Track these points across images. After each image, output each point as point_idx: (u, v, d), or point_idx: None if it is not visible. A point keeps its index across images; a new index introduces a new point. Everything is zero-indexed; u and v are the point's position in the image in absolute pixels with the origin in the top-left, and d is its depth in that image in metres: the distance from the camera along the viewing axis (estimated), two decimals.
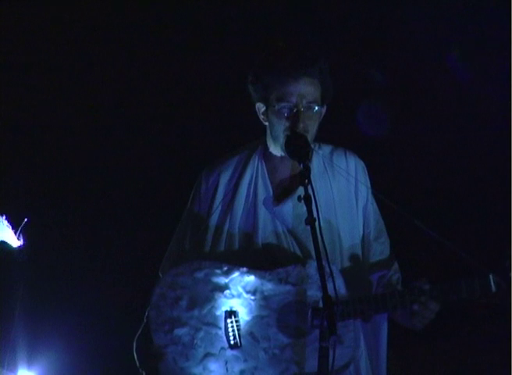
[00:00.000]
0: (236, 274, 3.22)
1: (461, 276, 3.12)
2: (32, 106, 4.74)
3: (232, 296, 3.20)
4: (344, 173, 3.34)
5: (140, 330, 3.24)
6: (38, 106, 4.75)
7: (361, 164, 3.40)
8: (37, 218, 4.64)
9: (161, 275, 3.38)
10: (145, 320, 3.23)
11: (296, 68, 3.19)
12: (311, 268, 3.18)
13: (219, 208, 3.37)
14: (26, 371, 4.51)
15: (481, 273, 3.10)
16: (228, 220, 3.34)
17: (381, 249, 3.38)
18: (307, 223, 2.94)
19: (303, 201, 2.98)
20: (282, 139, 3.24)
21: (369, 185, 3.39)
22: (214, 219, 3.36)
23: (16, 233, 4.42)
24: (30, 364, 4.54)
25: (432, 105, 4.60)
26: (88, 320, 4.74)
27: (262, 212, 3.32)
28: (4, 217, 4.35)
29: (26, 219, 4.42)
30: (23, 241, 4.45)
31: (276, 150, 3.34)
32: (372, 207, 3.39)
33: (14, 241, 4.44)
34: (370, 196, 3.38)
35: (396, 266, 3.41)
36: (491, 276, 3.09)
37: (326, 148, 3.41)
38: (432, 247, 3.17)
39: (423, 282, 3.15)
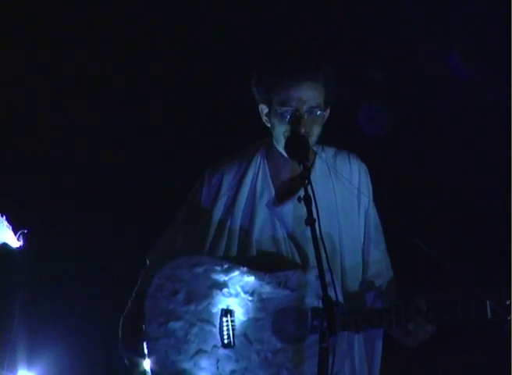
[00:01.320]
0: (236, 273, 3.21)
1: (459, 297, 3.10)
2: (32, 105, 4.75)
3: (230, 295, 3.20)
4: (347, 177, 3.33)
5: (126, 310, 3.26)
6: (38, 106, 4.75)
7: (364, 167, 3.39)
8: (37, 218, 4.65)
9: (147, 261, 3.38)
10: (131, 301, 3.26)
11: (299, 72, 3.16)
12: (311, 275, 3.17)
13: (222, 205, 3.37)
14: (26, 372, 4.51)
15: (479, 299, 3.07)
16: (230, 218, 3.34)
17: (379, 257, 3.37)
18: (306, 224, 2.92)
19: (303, 201, 2.96)
20: (282, 140, 3.23)
21: (371, 189, 3.38)
22: (216, 215, 3.36)
23: (15, 233, 4.41)
24: (30, 365, 4.53)
25: (432, 105, 4.60)
26: (88, 321, 4.74)
27: (261, 212, 3.32)
28: (4, 217, 4.34)
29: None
30: (23, 241, 4.44)
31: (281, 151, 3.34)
32: (373, 212, 3.37)
33: (14, 242, 4.43)
34: (371, 201, 3.37)
35: (392, 276, 3.39)
36: (488, 303, 3.06)
37: (329, 151, 3.40)
38: (432, 263, 3.14)
39: (421, 302, 3.12)
